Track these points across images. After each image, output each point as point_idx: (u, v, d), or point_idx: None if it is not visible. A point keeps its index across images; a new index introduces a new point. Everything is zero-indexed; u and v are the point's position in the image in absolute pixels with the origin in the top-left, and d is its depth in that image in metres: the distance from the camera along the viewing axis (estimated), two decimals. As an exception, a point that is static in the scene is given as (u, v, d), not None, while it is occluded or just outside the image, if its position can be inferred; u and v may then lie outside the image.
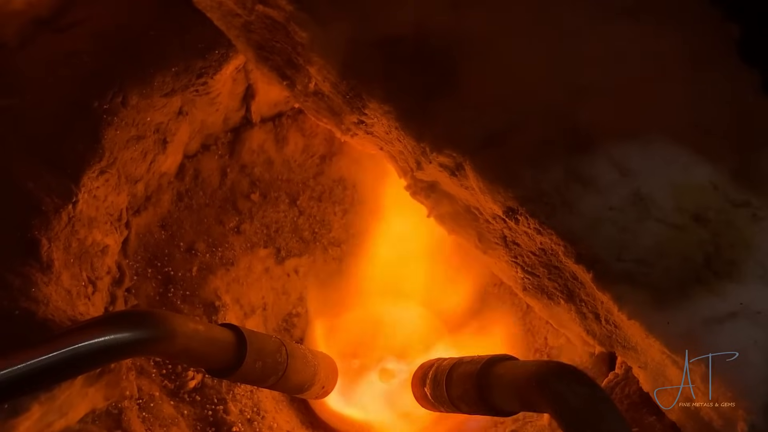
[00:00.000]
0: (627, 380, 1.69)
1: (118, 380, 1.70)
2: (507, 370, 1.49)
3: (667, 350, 1.41)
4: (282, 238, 2.25)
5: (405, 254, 2.17)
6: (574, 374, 1.31)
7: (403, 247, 2.17)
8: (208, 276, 2.12)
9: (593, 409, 1.23)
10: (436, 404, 1.72)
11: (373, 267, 2.17)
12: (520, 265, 1.64)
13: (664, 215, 1.45)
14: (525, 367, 1.46)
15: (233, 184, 2.26)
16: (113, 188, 1.87)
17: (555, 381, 1.29)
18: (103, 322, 1.35)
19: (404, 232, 2.15)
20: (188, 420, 1.89)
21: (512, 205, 1.50)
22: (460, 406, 1.62)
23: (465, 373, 1.58)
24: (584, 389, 1.27)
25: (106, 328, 1.29)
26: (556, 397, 1.27)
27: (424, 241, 2.13)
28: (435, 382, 1.69)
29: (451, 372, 1.64)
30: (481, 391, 1.52)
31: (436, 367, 1.72)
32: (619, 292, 1.42)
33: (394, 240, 2.17)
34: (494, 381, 1.50)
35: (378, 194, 2.20)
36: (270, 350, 1.64)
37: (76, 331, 1.30)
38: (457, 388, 1.61)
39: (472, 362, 1.58)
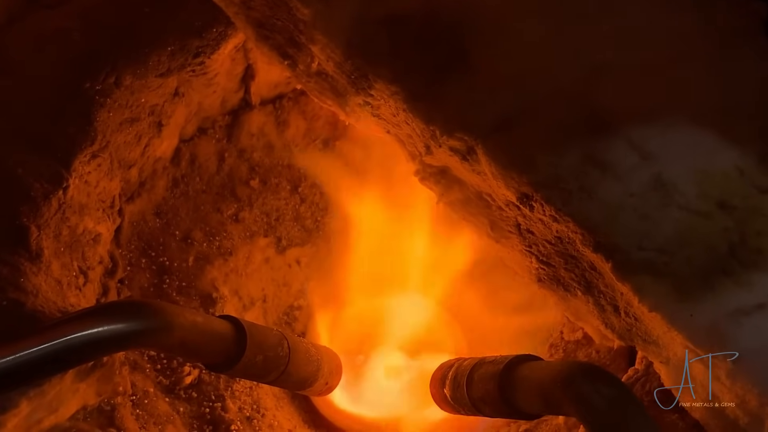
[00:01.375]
0: (648, 376, 1.68)
1: (110, 375, 1.70)
2: (531, 371, 1.49)
3: (690, 344, 1.40)
4: (283, 226, 2.25)
5: (414, 244, 2.17)
6: (600, 375, 1.32)
7: (412, 237, 2.16)
8: (205, 266, 2.12)
9: (620, 412, 1.24)
10: (456, 406, 1.72)
11: (380, 258, 2.16)
12: (535, 255, 1.63)
13: (686, 202, 1.44)
14: (549, 367, 1.46)
15: (231, 169, 2.26)
16: (106, 173, 1.87)
17: (581, 382, 1.30)
18: (96, 312, 1.35)
19: (413, 221, 2.14)
20: (184, 418, 1.89)
21: (527, 191, 1.50)
22: (482, 408, 1.62)
23: (486, 374, 1.58)
24: (611, 391, 1.27)
25: (99, 319, 1.29)
26: (581, 398, 1.27)
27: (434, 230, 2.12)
28: (455, 383, 1.69)
29: (472, 373, 1.64)
30: (504, 393, 1.51)
31: (456, 367, 1.72)
32: (639, 282, 1.42)
33: (401, 229, 2.17)
34: (517, 382, 1.50)
35: (385, 180, 2.19)
36: (271, 344, 1.64)
37: (67, 322, 1.29)
38: (478, 389, 1.61)
39: (494, 362, 1.58)
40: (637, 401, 1.27)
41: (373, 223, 2.19)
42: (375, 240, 2.18)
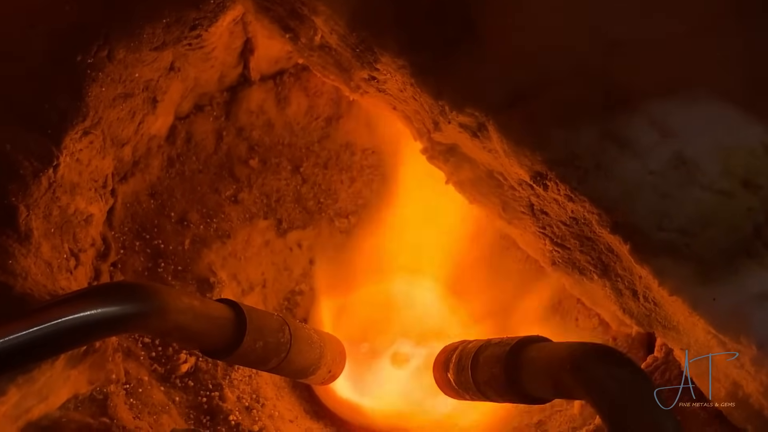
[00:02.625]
0: (667, 364, 1.68)
1: (103, 362, 1.70)
2: (539, 353, 1.48)
3: (713, 329, 1.39)
4: (284, 208, 2.25)
5: (420, 227, 2.16)
6: (614, 356, 1.30)
7: (418, 219, 2.16)
8: (202, 249, 2.12)
9: (635, 396, 1.22)
10: (460, 391, 1.71)
11: (385, 241, 2.16)
12: (549, 237, 1.63)
13: (709, 180, 1.43)
14: (559, 348, 1.45)
15: (230, 148, 2.26)
16: (98, 151, 1.86)
17: (592, 364, 1.28)
18: (88, 295, 1.35)
19: (419, 202, 2.14)
20: (180, 407, 1.89)
21: (540, 170, 1.49)
22: (487, 393, 1.61)
23: (492, 356, 1.57)
24: (625, 373, 1.26)
25: (91, 302, 1.29)
26: (593, 382, 1.26)
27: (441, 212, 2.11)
28: (459, 367, 1.68)
29: (477, 355, 1.63)
30: (511, 376, 1.50)
31: (460, 350, 1.71)
32: (659, 265, 1.41)
33: (407, 211, 2.16)
34: (525, 364, 1.48)
35: (390, 160, 2.18)
36: (272, 329, 1.63)
37: (57, 304, 1.29)
38: (483, 372, 1.60)
39: (500, 344, 1.57)
40: (652, 384, 1.26)
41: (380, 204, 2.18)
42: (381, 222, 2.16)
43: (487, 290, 2.17)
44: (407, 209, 2.16)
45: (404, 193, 2.16)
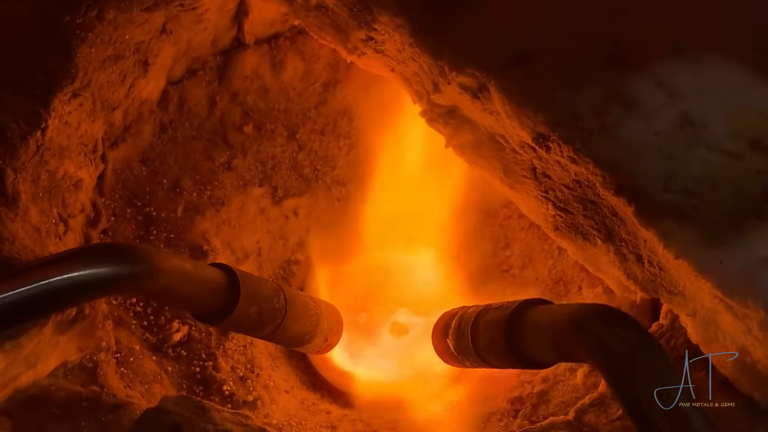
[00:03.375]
0: (673, 331, 1.68)
1: (93, 329, 1.70)
2: (541, 315, 1.48)
3: (719, 293, 1.39)
4: (279, 175, 2.25)
5: (419, 194, 2.16)
6: (616, 317, 1.30)
7: (417, 187, 2.16)
8: (195, 217, 2.12)
9: (639, 356, 1.21)
10: (459, 357, 1.71)
11: (383, 209, 2.16)
12: (552, 201, 1.62)
13: (716, 141, 1.43)
14: (561, 310, 1.45)
15: (223, 114, 2.26)
16: (87, 114, 1.86)
17: (595, 324, 1.28)
18: (77, 255, 1.35)
19: (418, 169, 2.14)
20: (173, 377, 1.89)
21: (543, 131, 1.49)
22: (487, 358, 1.61)
23: (493, 320, 1.57)
24: (628, 333, 1.25)
25: (80, 262, 1.29)
26: (596, 343, 1.26)
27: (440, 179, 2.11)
28: (459, 332, 1.68)
29: (477, 320, 1.63)
30: (511, 340, 1.50)
31: (459, 315, 1.71)
32: (664, 227, 1.41)
33: (406, 178, 2.16)
34: (526, 327, 1.48)
35: (389, 127, 2.18)
36: (266, 294, 1.63)
37: (45, 264, 1.29)
38: (483, 337, 1.60)
39: (501, 308, 1.57)
40: (658, 345, 1.25)
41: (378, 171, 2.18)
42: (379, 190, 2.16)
43: (489, 259, 2.17)
44: (407, 176, 2.16)
45: (403, 160, 2.15)
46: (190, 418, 1.54)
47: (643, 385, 1.18)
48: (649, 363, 1.20)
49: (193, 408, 1.57)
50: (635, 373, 1.20)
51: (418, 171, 2.15)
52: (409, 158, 2.15)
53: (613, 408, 1.60)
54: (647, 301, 1.83)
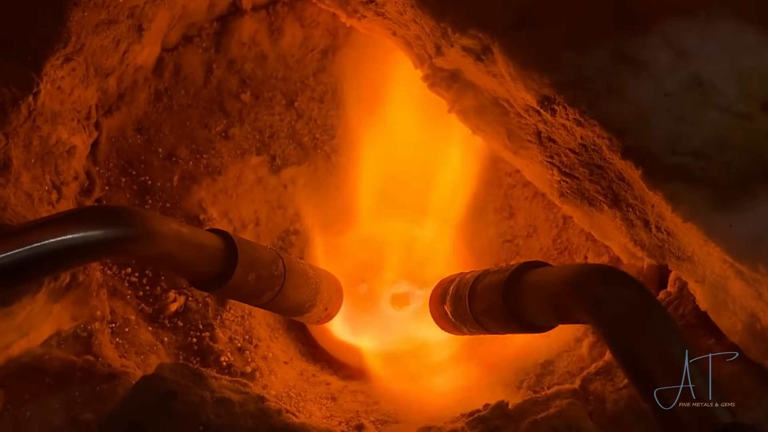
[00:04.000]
0: (681, 299, 1.68)
1: (87, 297, 1.70)
2: (539, 277, 1.47)
3: (729, 258, 1.39)
4: (277, 144, 2.24)
5: (421, 162, 2.16)
6: (617, 276, 1.29)
7: (419, 155, 2.15)
8: (191, 186, 2.12)
9: (640, 316, 1.20)
10: (457, 324, 1.71)
11: (384, 178, 2.16)
12: (557, 166, 1.62)
13: (727, 103, 1.42)
14: (560, 271, 1.44)
15: (220, 82, 2.25)
16: (81, 80, 1.85)
17: (595, 284, 1.27)
18: (71, 217, 1.34)
19: (420, 138, 2.13)
20: (169, 348, 1.89)
21: (548, 94, 1.48)
22: (486, 323, 1.60)
23: (491, 284, 1.57)
24: (629, 292, 1.24)
25: (74, 224, 1.28)
26: (596, 302, 1.24)
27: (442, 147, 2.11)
28: (456, 298, 1.68)
29: (475, 284, 1.62)
30: (509, 303, 1.50)
31: (458, 281, 1.71)
32: (673, 190, 1.41)
33: (407, 147, 2.15)
34: (524, 290, 1.48)
35: (389, 94, 2.17)
36: (265, 261, 1.63)
37: (38, 226, 1.28)
38: (481, 301, 1.60)
39: (499, 272, 1.57)
40: (659, 304, 1.24)
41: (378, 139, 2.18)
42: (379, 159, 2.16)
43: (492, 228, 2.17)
44: (408, 145, 2.15)
45: (405, 129, 2.15)
46: (187, 385, 1.54)
47: (644, 346, 1.17)
48: (650, 323, 1.19)
49: (189, 375, 1.57)
50: (635, 333, 1.19)
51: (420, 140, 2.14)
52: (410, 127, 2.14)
53: (619, 376, 1.60)
54: (654, 268, 1.83)
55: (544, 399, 1.59)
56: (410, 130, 2.14)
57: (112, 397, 1.60)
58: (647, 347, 1.16)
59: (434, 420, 1.66)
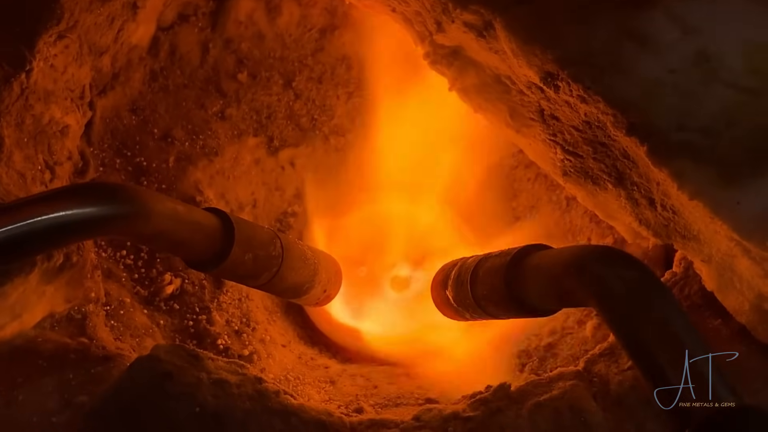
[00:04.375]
0: (687, 279, 1.68)
1: (81, 279, 1.69)
2: (541, 260, 1.46)
3: (736, 236, 1.39)
4: (275, 125, 2.24)
5: (421, 144, 2.15)
6: (619, 257, 1.28)
7: (419, 136, 2.15)
8: (187, 167, 2.11)
9: (642, 296, 1.19)
10: (459, 309, 1.70)
11: (383, 159, 2.16)
12: (560, 144, 1.61)
13: (734, 78, 1.42)
14: (562, 254, 1.43)
15: (216, 62, 2.24)
16: (74, 58, 1.84)
17: (597, 265, 1.26)
18: (64, 193, 1.32)
19: (420, 118, 2.13)
20: (165, 331, 1.89)
21: (551, 70, 1.48)
22: (488, 308, 1.60)
23: (492, 268, 1.56)
24: (631, 273, 1.23)
25: (67, 201, 1.26)
26: (597, 284, 1.24)
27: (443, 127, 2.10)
28: (458, 283, 1.67)
29: (477, 269, 1.62)
30: (511, 287, 1.49)
31: (459, 266, 1.70)
32: (679, 167, 1.40)
33: (407, 127, 2.15)
34: (526, 273, 1.47)
35: (389, 74, 2.16)
36: (262, 241, 1.62)
37: (31, 203, 1.27)
38: (483, 285, 1.59)
39: (500, 255, 1.56)
40: (662, 284, 1.23)
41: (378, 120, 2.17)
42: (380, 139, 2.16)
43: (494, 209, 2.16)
44: (408, 125, 2.15)
45: (405, 108, 2.14)
46: (183, 366, 1.54)
47: (646, 328, 1.15)
48: (653, 304, 1.18)
49: (185, 357, 1.56)
50: (637, 314, 1.17)
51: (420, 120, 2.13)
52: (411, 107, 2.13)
53: (624, 358, 1.59)
54: (660, 249, 1.83)
55: (547, 381, 1.59)
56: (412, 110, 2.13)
57: (106, 379, 1.59)
58: (650, 329, 1.15)
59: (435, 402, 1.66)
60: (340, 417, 1.56)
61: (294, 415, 1.52)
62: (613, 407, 1.53)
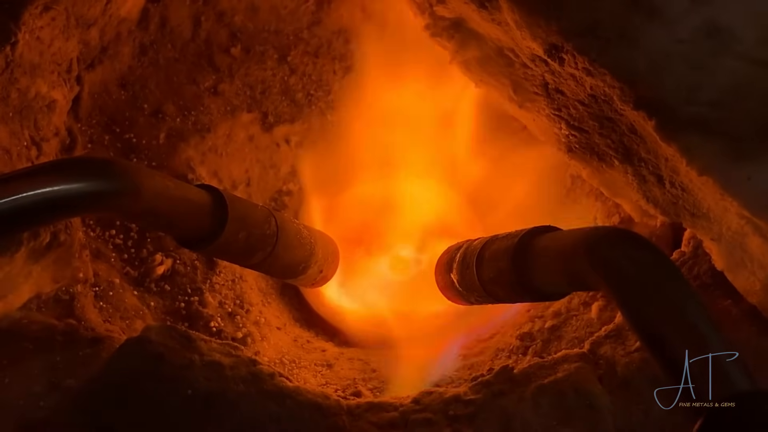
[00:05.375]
0: (696, 258, 1.68)
1: (69, 258, 1.69)
2: (549, 242, 1.46)
3: (747, 213, 1.39)
4: (269, 100, 2.24)
5: (421, 120, 2.15)
6: (630, 238, 1.28)
7: (419, 112, 2.14)
8: (178, 144, 2.11)
9: (654, 278, 1.19)
10: (464, 293, 1.70)
11: (382, 136, 2.15)
12: (565, 119, 1.61)
13: (745, 49, 1.41)
14: (571, 235, 1.43)
15: (209, 35, 2.24)
16: (61, 31, 1.84)
17: (607, 246, 1.25)
18: (51, 169, 1.33)
19: (420, 93, 2.12)
20: (155, 313, 1.89)
21: (556, 41, 1.47)
22: (494, 292, 1.59)
23: (499, 250, 1.56)
24: (642, 254, 1.22)
25: (55, 177, 1.26)
26: (608, 265, 1.23)
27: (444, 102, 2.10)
28: (463, 266, 1.67)
29: (483, 251, 1.62)
30: (519, 270, 1.48)
31: (465, 248, 1.70)
32: (687, 142, 1.40)
33: (407, 103, 2.14)
34: (534, 255, 1.47)
35: (388, 48, 2.16)
36: (256, 219, 1.62)
37: (16, 178, 1.26)
38: (489, 269, 1.59)
39: (507, 237, 1.56)
40: (674, 266, 1.24)
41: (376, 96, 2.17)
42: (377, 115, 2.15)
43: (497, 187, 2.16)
44: (406, 100, 2.14)
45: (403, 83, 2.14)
46: (175, 348, 1.54)
47: (657, 309, 1.15)
48: (664, 286, 1.17)
49: (177, 338, 1.57)
50: (648, 296, 1.17)
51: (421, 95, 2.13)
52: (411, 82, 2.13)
53: (630, 339, 1.60)
54: (668, 227, 1.83)
55: (551, 363, 1.59)
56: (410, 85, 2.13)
57: (95, 362, 1.60)
58: (661, 310, 1.14)
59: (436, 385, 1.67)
60: (336, 400, 1.57)
61: (289, 397, 1.53)
62: (620, 390, 1.54)
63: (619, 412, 1.51)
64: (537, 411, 1.51)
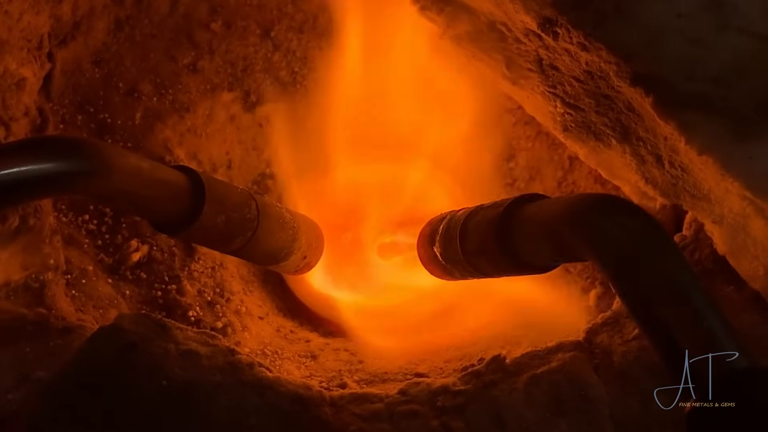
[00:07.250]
0: (697, 242, 1.69)
1: (39, 244, 1.70)
2: (536, 210, 1.44)
3: (749, 194, 1.40)
4: (252, 78, 2.24)
5: (411, 99, 2.15)
6: (620, 205, 1.27)
7: (409, 90, 2.15)
8: (155, 124, 2.12)
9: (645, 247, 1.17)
10: (448, 267, 1.69)
11: (369, 116, 2.15)
12: (560, 97, 1.62)
13: (748, 24, 1.42)
14: (558, 202, 1.42)
15: (188, 10, 2.24)
16: (31, 5, 1.84)
17: (596, 214, 1.24)
18: (18, 148, 1.33)
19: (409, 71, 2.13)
20: (131, 302, 1.90)
21: (550, 15, 1.48)
22: (479, 265, 1.58)
23: (484, 220, 1.54)
24: (633, 222, 1.21)
25: (22, 156, 1.26)
26: (596, 233, 1.22)
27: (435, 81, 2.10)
28: (447, 238, 1.66)
29: (467, 222, 1.60)
30: (504, 240, 1.47)
31: (448, 219, 1.69)
32: (687, 119, 1.41)
33: (395, 81, 2.15)
34: (520, 225, 1.45)
35: (375, 23, 2.16)
36: (236, 202, 1.62)
37: (-19, 157, 1.28)
38: (473, 240, 1.58)
39: (493, 206, 1.54)
40: (667, 235, 1.22)
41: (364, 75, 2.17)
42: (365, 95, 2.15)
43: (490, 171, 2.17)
44: (395, 79, 2.14)
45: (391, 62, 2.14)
46: (149, 336, 1.55)
47: (652, 283, 1.13)
48: (657, 255, 1.16)
49: (152, 326, 1.57)
50: (642, 268, 1.15)
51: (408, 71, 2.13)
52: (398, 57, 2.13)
53: (628, 327, 1.61)
54: (668, 210, 1.84)
55: (544, 352, 1.60)
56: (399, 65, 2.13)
57: (66, 352, 1.60)
58: (655, 284, 1.14)
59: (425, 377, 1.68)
60: (319, 391, 1.58)
61: (269, 388, 1.53)
62: (616, 380, 1.55)
63: (615, 402, 1.52)
64: (529, 402, 1.52)
